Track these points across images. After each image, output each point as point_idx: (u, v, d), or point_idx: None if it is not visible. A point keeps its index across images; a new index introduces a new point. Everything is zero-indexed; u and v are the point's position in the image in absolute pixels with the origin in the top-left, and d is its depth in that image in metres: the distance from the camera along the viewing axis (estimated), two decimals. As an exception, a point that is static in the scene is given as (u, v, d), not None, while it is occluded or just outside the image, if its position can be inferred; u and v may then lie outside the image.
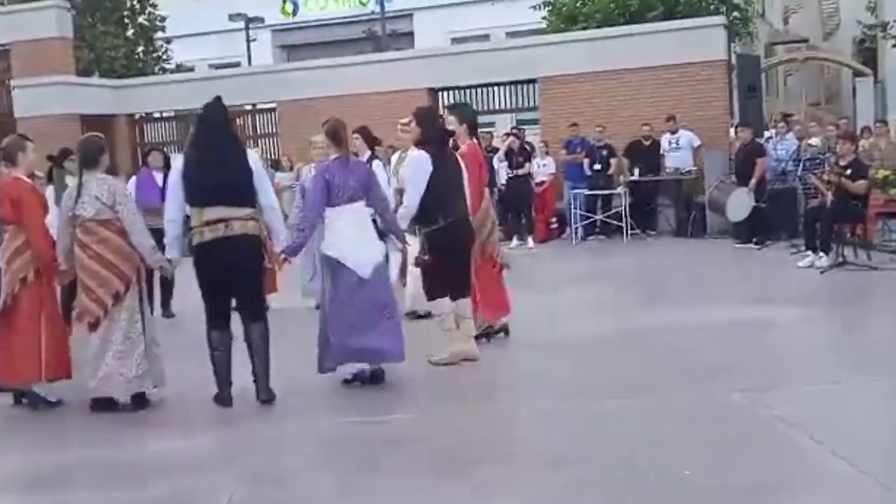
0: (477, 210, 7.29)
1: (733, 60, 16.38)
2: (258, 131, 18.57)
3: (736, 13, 19.69)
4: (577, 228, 15.11)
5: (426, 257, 6.78)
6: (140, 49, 23.05)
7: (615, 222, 14.94)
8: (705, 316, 8.15)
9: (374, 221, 6.48)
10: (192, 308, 6.64)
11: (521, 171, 14.98)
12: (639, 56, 15.42)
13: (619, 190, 14.74)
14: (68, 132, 17.00)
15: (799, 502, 4.27)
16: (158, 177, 9.55)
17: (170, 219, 6.14)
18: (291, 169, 14.35)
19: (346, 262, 6.23)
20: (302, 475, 5.01)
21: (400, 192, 7.16)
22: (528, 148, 15.62)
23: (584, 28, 18.36)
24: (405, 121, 7.46)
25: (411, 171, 6.93)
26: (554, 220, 15.80)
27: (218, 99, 6.34)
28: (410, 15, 30.18)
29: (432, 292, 6.91)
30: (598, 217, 15.19)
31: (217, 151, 6.08)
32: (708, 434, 5.14)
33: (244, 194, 6.06)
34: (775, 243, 12.60)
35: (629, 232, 14.66)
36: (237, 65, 26.41)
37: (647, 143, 15.11)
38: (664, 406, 5.67)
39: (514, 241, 14.54)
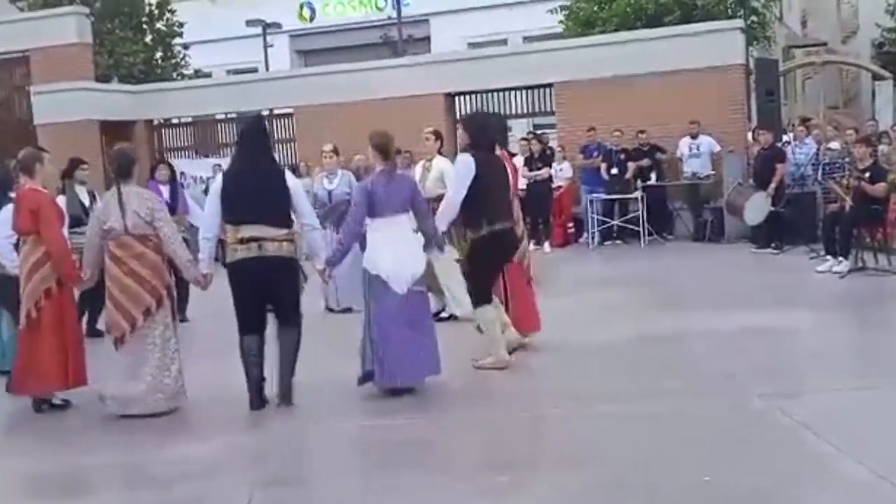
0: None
1: (751, 64, 16.31)
2: (275, 137, 18.60)
3: (754, 17, 19.59)
4: (593, 233, 15.08)
5: (469, 264, 6.86)
6: (158, 55, 23.14)
7: (632, 227, 14.90)
8: (724, 321, 8.11)
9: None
10: (208, 312, 6.65)
11: (540, 176, 14.95)
12: (656, 60, 15.37)
13: (636, 194, 14.71)
14: (87, 138, 17.14)
15: (819, 509, 4.24)
16: (164, 190, 9.40)
17: (207, 236, 6.19)
18: (308, 174, 14.38)
19: (385, 278, 6.25)
20: (320, 478, 5.02)
21: (427, 202, 7.16)
22: (548, 153, 15.59)
23: (601, 32, 18.31)
24: (429, 130, 7.48)
25: (455, 172, 6.99)
26: (571, 224, 15.77)
27: (258, 117, 6.46)
28: (427, 20, 30.17)
29: (478, 299, 6.90)
30: (615, 222, 15.16)
31: (255, 170, 6.14)
32: (726, 439, 5.11)
33: (280, 215, 6.11)
34: (794, 248, 12.53)
35: (646, 237, 14.62)
36: (255, 70, 26.48)
37: (646, 148, 15.06)
38: (682, 411, 5.64)
39: (532, 246, 14.48)
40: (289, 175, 6.36)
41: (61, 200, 8.36)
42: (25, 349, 6.39)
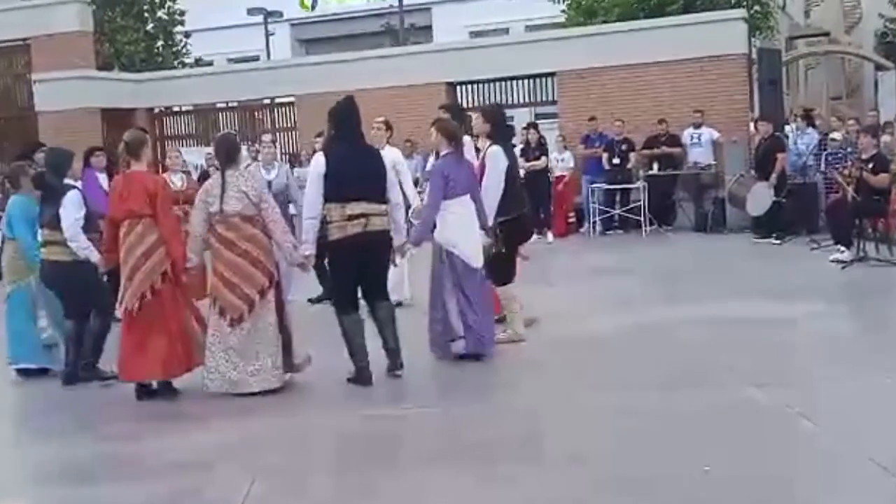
0: None
1: (754, 54, 16.27)
2: (277, 125, 18.60)
3: (757, 7, 19.53)
4: (595, 223, 15.07)
5: (500, 247, 7.12)
6: (159, 43, 23.12)
7: (634, 217, 14.88)
8: (724, 311, 8.11)
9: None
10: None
11: (537, 165, 14.91)
12: (658, 50, 15.33)
13: (638, 184, 14.68)
14: (88, 126, 17.14)
15: (819, 499, 4.25)
16: (102, 178, 9.03)
17: (312, 216, 6.30)
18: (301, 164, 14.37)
19: (461, 254, 6.69)
20: (320, 468, 5.03)
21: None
22: (543, 142, 15.55)
23: (604, 22, 18.26)
24: (380, 120, 7.83)
25: (493, 164, 7.16)
26: (572, 214, 15.74)
27: (349, 98, 6.55)
28: (429, 9, 30.14)
29: (502, 278, 7.27)
30: (617, 212, 15.14)
31: (355, 149, 6.38)
32: (726, 430, 5.11)
33: (381, 191, 6.37)
34: (795, 238, 12.52)
35: (647, 226, 14.60)
36: (256, 59, 26.47)
37: (664, 138, 15.04)
38: (682, 401, 5.65)
39: (535, 236, 14.46)
40: (382, 152, 6.70)
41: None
42: (137, 334, 6.22)
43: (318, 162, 6.32)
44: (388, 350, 6.45)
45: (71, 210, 6.67)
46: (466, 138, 7.62)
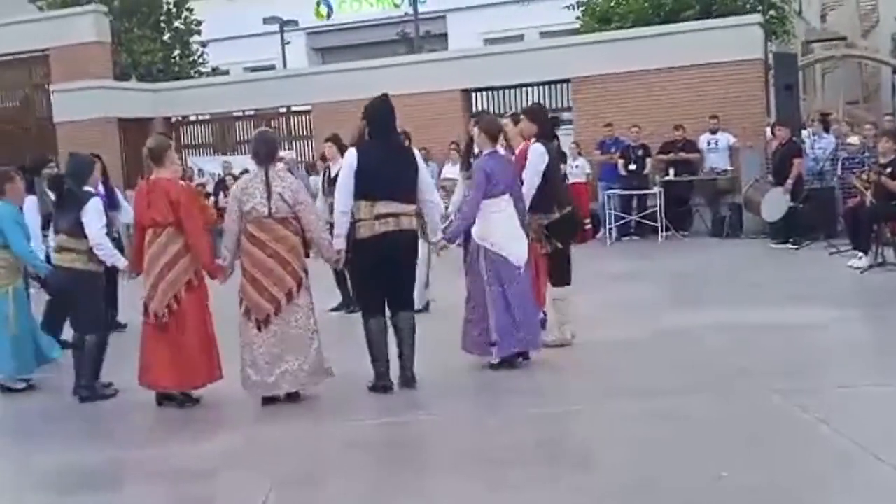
0: None
1: (770, 59, 16.22)
2: (293, 133, 18.67)
3: (772, 11, 19.46)
4: (611, 229, 15.04)
5: (554, 245, 7.14)
6: (176, 53, 23.25)
7: (650, 222, 14.85)
8: (742, 317, 8.08)
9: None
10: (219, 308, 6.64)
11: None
12: (674, 55, 15.32)
13: (654, 190, 14.65)
14: (106, 135, 17.27)
15: (838, 505, 4.22)
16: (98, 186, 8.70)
17: (343, 211, 6.28)
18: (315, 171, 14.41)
19: (505, 253, 6.65)
20: (335, 475, 5.02)
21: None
22: (562, 149, 15.52)
23: (619, 28, 18.24)
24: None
25: (531, 161, 7.16)
26: (588, 220, 15.71)
27: (384, 97, 6.55)
28: (444, 16, 30.19)
29: (561, 280, 7.32)
30: (633, 217, 15.10)
31: (387, 147, 6.36)
32: (743, 436, 5.08)
33: (411, 190, 6.36)
34: (813, 244, 12.46)
35: (664, 232, 14.56)
36: (272, 68, 26.57)
37: (681, 144, 15.01)
38: (700, 407, 5.62)
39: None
40: (416, 152, 6.63)
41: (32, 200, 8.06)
42: (161, 343, 6.20)
43: (350, 158, 6.31)
44: (402, 364, 6.41)
45: (96, 217, 6.69)
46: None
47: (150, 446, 5.67)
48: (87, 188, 6.95)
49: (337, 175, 8.17)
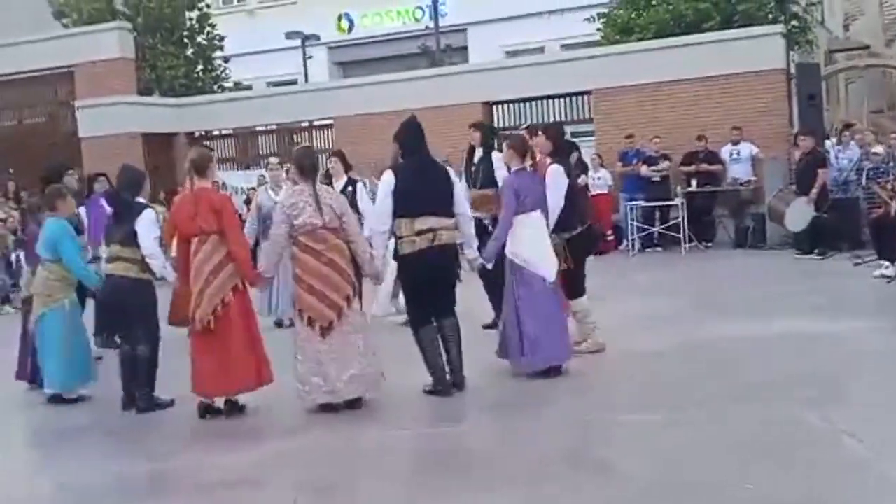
0: None
1: (792, 69, 16.14)
2: (316, 147, 18.75)
3: (795, 21, 19.38)
4: (633, 240, 15.00)
5: (569, 263, 7.20)
6: (199, 68, 23.40)
7: (673, 234, 14.79)
8: (767, 328, 8.04)
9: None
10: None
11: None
12: (695, 66, 15.29)
13: (677, 201, 14.60)
14: (131, 150, 17.42)
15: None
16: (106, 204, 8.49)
17: (382, 229, 6.50)
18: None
19: (535, 269, 6.77)
20: (364, 485, 5.04)
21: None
22: (583, 161, 15.50)
23: (639, 40, 18.21)
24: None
25: (553, 182, 7.26)
26: (610, 232, 15.69)
27: (413, 118, 6.76)
28: (465, 29, 30.21)
29: (576, 291, 7.41)
30: (656, 229, 15.06)
31: (423, 165, 6.58)
32: (768, 447, 5.06)
33: (448, 206, 6.57)
34: (838, 254, 12.37)
35: (687, 243, 14.50)
36: (294, 82, 26.70)
37: (703, 155, 14.96)
38: (725, 418, 5.60)
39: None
40: (449, 169, 6.85)
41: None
42: (211, 350, 6.27)
43: (388, 179, 6.49)
44: (452, 367, 6.59)
45: (150, 228, 6.82)
46: (497, 154, 7.75)
47: (181, 457, 5.71)
48: (139, 199, 7.07)
49: (343, 190, 8.35)
